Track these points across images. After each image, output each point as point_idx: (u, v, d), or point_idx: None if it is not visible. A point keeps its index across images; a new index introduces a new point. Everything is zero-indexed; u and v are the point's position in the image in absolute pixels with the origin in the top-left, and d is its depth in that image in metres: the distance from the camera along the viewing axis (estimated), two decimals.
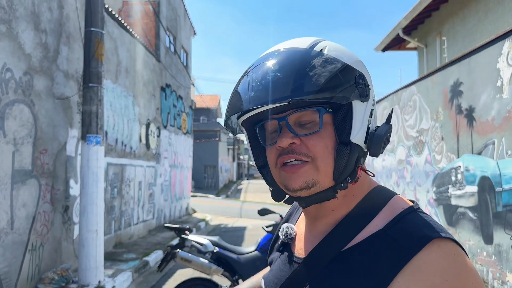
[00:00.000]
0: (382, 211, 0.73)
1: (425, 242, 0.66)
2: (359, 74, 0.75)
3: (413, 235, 0.67)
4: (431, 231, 0.68)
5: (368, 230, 0.72)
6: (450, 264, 0.65)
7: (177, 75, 13.10)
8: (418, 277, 0.64)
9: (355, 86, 0.73)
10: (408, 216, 0.71)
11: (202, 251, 3.75)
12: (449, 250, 0.67)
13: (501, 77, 4.98)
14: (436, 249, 0.66)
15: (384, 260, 0.67)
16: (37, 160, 5.11)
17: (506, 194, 4.85)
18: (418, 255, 0.65)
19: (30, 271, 4.96)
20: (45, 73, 5.32)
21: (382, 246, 0.68)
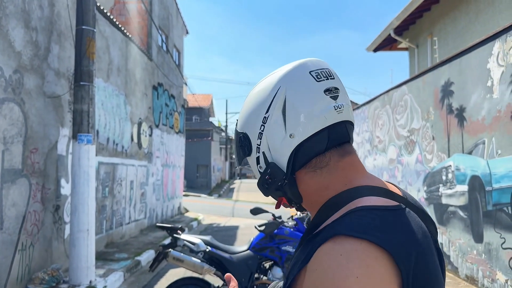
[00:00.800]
0: (341, 209, 0.79)
1: (328, 237, 0.72)
2: (242, 135, 0.92)
3: (330, 230, 0.74)
4: (345, 229, 0.72)
5: (324, 224, 0.80)
6: (327, 259, 0.70)
7: (170, 74, 13.05)
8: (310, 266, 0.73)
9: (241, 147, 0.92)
10: (347, 215, 0.75)
11: (194, 250, 3.75)
12: (340, 248, 0.69)
13: (491, 77, 5.04)
14: (330, 244, 0.71)
15: (309, 249, 0.76)
16: (28, 159, 5.06)
17: (496, 193, 4.90)
18: (322, 246, 0.72)
19: (20, 271, 4.91)
20: (36, 72, 5.26)
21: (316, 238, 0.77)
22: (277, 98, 0.85)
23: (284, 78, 0.87)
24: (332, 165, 0.85)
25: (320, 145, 0.84)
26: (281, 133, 0.85)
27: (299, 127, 0.83)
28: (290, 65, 0.89)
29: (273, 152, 0.87)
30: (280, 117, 0.85)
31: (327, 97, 0.84)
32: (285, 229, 3.82)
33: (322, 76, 0.86)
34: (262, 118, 0.87)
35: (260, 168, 0.90)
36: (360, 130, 10.69)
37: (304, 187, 0.87)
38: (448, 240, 6.02)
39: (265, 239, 3.81)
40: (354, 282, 0.65)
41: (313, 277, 0.70)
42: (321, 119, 0.83)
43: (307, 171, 0.86)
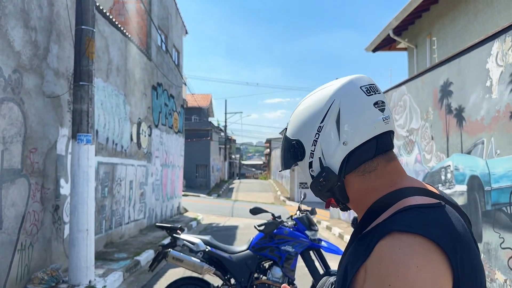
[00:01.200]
0: (389, 209, 0.89)
1: (386, 233, 0.82)
2: (294, 143, 1.03)
3: (386, 227, 0.83)
4: (399, 225, 0.81)
5: (374, 223, 0.90)
6: (389, 254, 0.79)
7: (169, 74, 13.05)
8: (369, 261, 0.82)
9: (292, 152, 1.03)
10: (399, 213, 0.85)
11: (193, 250, 3.75)
12: (399, 243, 0.79)
13: (490, 77, 5.05)
14: (389, 240, 0.81)
15: (365, 247, 0.85)
16: (27, 159, 5.06)
17: (495, 193, 4.91)
18: (379, 242, 0.82)
19: (20, 271, 4.90)
20: (35, 71, 5.26)
21: (370, 236, 0.86)
22: (331, 110, 0.96)
23: (338, 92, 0.98)
24: (379, 170, 0.97)
25: (370, 152, 0.96)
26: (335, 141, 0.97)
27: (351, 135, 0.95)
28: (342, 80, 1.00)
29: (326, 158, 0.98)
30: (334, 127, 0.96)
31: (376, 109, 0.96)
32: (285, 229, 3.82)
33: (371, 91, 0.98)
34: (317, 127, 0.98)
35: (312, 172, 1.01)
36: None
37: (353, 189, 0.99)
38: None
39: (264, 239, 3.81)
40: (416, 271, 0.76)
41: (377, 271, 0.79)
42: (371, 129, 0.95)
43: (356, 175, 0.97)
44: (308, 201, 4.88)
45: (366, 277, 0.82)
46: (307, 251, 3.88)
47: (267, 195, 27.82)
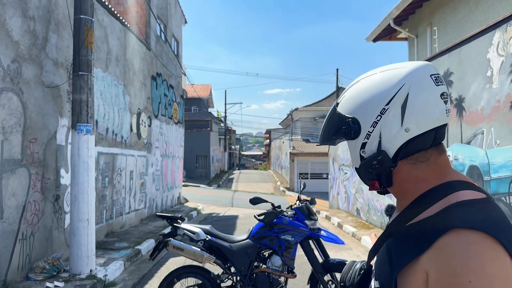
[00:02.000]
0: (442, 200, 0.90)
1: (446, 230, 0.82)
2: (350, 120, 0.99)
3: (442, 223, 0.84)
4: (459, 222, 0.83)
5: (422, 215, 0.91)
6: (460, 251, 0.80)
7: (168, 64, 12.99)
8: (435, 256, 0.82)
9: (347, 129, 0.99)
10: (452, 209, 0.86)
11: (194, 239, 3.77)
12: (466, 239, 0.80)
13: (491, 67, 5.03)
14: (454, 237, 0.81)
15: (420, 239, 0.86)
16: (27, 149, 5.06)
17: (494, 182, 4.93)
18: (440, 239, 0.82)
19: (21, 260, 4.94)
20: (34, 61, 5.24)
21: (423, 229, 0.87)
22: (400, 93, 0.93)
23: (409, 76, 0.94)
24: (431, 161, 0.97)
25: (427, 142, 0.95)
26: (396, 126, 0.94)
27: (414, 123, 0.93)
28: (412, 64, 0.97)
29: (384, 142, 0.96)
30: (399, 112, 0.94)
31: (442, 101, 0.94)
32: (284, 219, 3.84)
33: (439, 81, 0.95)
34: (381, 109, 0.95)
35: (363, 153, 0.99)
36: None
37: (401, 176, 0.98)
38: None
39: (264, 228, 3.84)
40: (491, 264, 0.78)
41: (451, 269, 0.79)
42: (434, 120, 0.93)
43: (408, 163, 0.97)
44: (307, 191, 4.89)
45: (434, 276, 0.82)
46: (306, 240, 3.90)
47: (267, 186, 27.91)
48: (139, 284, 5.32)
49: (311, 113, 28.95)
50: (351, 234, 8.85)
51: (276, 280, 3.80)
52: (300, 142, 28.15)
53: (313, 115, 28.77)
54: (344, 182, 12.27)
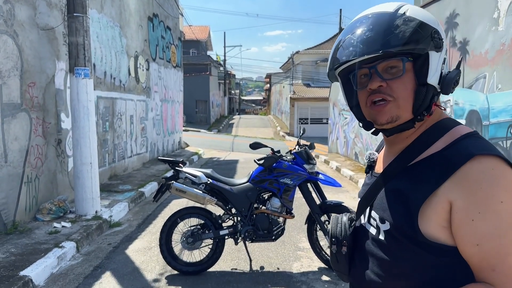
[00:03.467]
0: (444, 136, 0.95)
1: (469, 157, 0.87)
2: (434, 30, 0.95)
3: (461, 153, 0.89)
4: (477, 150, 0.88)
5: (429, 151, 0.95)
6: (487, 175, 0.85)
7: (164, 4, 12.54)
8: (460, 184, 0.86)
9: (431, 39, 0.94)
10: (462, 141, 0.92)
11: (196, 182, 3.87)
12: (489, 164, 0.86)
13: (498, 8, 4.88)
14: (477, 163, 0.86)
15: (437, 172, 0.90)
16: (26, 93, 5.04)
17: (493, 127, 4.96)
18: (463, 167, 0.87)
19: (28, 202, 5.09)
20: (27, 2, 5.06)
21: (437, 162, 0.91)
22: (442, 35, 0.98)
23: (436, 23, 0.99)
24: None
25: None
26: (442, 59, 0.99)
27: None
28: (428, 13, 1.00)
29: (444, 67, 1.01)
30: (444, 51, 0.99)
31: None
32: (284, 163, 3.92)
33: None
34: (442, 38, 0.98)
35: (443, 69, 0.99)
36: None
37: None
38: None
39: (264, 172, 3.92)
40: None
41: (481, 192, 0.84)
42: None
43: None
44: (307, 136, 4.93)
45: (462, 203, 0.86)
46: (305, 184, 4.00)
47: (266, 131, 28.05)
48: (144, 224, 5.53)
49: (312, 56, 28.41)
50: (348, 178, 9.05)
51: (275, 220, 3.94)
52: (301, 87, 27.89)
53: (314, 59, 28.26)
54: (343, 127, 12.32)
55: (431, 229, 0.89)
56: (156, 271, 3.99)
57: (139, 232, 5.18)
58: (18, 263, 3.78)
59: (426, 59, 0.95)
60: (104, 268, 4.05)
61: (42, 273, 3.71)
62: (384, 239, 0.98)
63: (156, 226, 5.35)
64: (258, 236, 3.91)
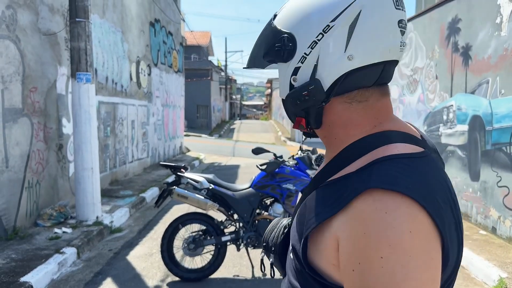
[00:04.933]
0: (366, 155, 0.75)
1: (360, 191, 0.67)
2: (287, 36, 0.78)
3: (361, 181, 0.69)
4: (378, 182, 0.67)
5: (345, 170, 0.75)
6: (376, 219, 0.65)
7: (166, 10, 12.58)
8: (348, 221, 0.68)
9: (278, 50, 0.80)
10: (376, 164, 0.71)
11: (197, 188, 3.84)
12: (383, 205, 0.65)
13: (501, 13, 4.87)
14: (369, 200, 0.66)
15: (333, 200, 0.71)
16: (27, 98, 5.03)
17: (496, 132, 4.93)
18: (355, 201, 0.67)
19: (29, 207, 5.07)
20: (29, 7, 5.07)
21: (340, 187, 0.72)
22: (350, 9, 0.74)
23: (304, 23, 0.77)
24: (370, 103, 0.79)
25: (371, 78, 0.78)
26: (340, 51, 0.75)
27: (362, 50, 0.74)
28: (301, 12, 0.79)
29: (320, 69, 0.77)
30: (345, 32, 0.74)
31: (398, 29, 0.76)
32: (286, 168, 3.89)
33: (400, 5, 0.77)
34: (325, 26, 0.75)
35: (294, 81, 0.80)
36: None
37: (333, 117, 0.81)
38: None
39: (266, 178, 3.89)
40: (410, 237, 0.63)
41: (362, 240, 0.65)
42: (386, 51, 0.76)
43: (343, 101, 0.79)
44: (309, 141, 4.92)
45: (344, 244, 0.68)
46: None
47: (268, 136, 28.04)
48: (145, 230, 5.50)
49: None
50: None
51: None
52: None
53: None
54: None
55: (320, 263, 0.73)
56: (158, 277, 3.95)
57: (140, 238, 5.15)
58: (18, 269, 3.75)
59: None
60: (105, 274, 4.02)
61: (42, 279, 3.68)
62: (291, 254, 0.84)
63: (157, 232, 5.32)
64: (260, 242, 3.88)
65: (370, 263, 0.65)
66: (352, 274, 0.67)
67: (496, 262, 4.06)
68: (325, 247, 0.72)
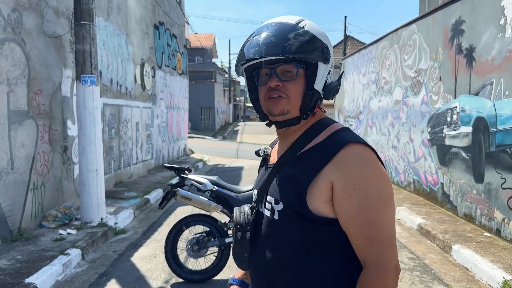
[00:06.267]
0: (324, 131, 1.16)
1: (344, 144, 1.08)
2: (324, 45, 1.15)
3: (338, 142, 1.10)
4: (350, 139, 1.10)
5: (313, 142, 1.15)
6: (358, 158, 1.07)
7: (171, 12, 12.63)
8: (338, 166, 1.07)
9: (321, 52, 1.14)
10: (338, 133, 1.14)
11: (201, 189, 3.85)
12: (359, 150, 1.08)
13: (505, 15, 4.86)
14: (350, 149, 1.08)
15: (319, 157, 1.10)
16: (33, 100, 5.07)
17: (500, 134, 4.92)
18: (339, 153, 1.08)
19: (34, 209, 5.10)
20: (34, 10, 5.11)
21: (319, 150, 1.12)
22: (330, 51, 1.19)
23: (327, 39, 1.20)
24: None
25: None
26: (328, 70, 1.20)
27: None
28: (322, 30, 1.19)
29: None
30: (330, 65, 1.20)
31: None
32: None
33: None
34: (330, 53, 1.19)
35: (328, 79, 1.19)
36: (366, 71, 10.51)
37: None
38: (449, 180, 6.14)
39: None
40: (379, 164, 1.10)
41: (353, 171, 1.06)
42: None
43: None
44: None
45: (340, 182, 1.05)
46: None
47: (271, 138, 27.98)
48: (149, 231, 5.52)
49: None
50: None
51: None
52: None
53: None
54: None
55: (316, 205, 1.08)
56: (162, 279, 3.97)
57: (144, 240, 5.16)
58: (23, 270, 3.78)
59: (315, 69, 1.14)
60: (109, 275, 4.04)
61: (47, 281, 3.70)
62: (278, 218, 1.16)
63: (161, 234, 5.33)
64: None
65: (363, 185, 1.05)
66: (350, 199, 1.05)
67: (501, 264, 4.04)
68: (318, 190, 1.07)
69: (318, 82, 1.15)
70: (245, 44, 1.19)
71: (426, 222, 5.57)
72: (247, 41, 1.18)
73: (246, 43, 1.18)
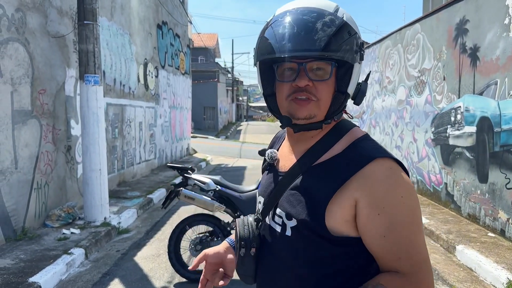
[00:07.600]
0: (343, 138, 1.03)
1: (370, 159, 0.96)
2: (361, 42, 1.01)
3: (363, 155, 0.97)
4: (376, 152, 0.97)
5: (332, 152, 1.02)
6: (387, 174, 0.95)
7: (174, 12, 12.65)
8: (364, 183, 0.94)
9: (359, 51, 1.00)
10: (360, 143, 1.01)
11: (204, 189, 3.85)
12: (387, 165, 0.96)
13: (509, 14, 4.83)
14: (378, 165, 0.95)
15: (341, 172, 0.97)
16: (36, 100, 5.08)
17: (505, 134, 4.89)
18: (365, 168, 0.95)
19: (37, 208, 5.12)
20: (38, 10, 5.13)
21: (340, 163, 0.99)
22: None
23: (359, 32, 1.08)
24: None
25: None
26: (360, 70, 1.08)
27: None
28: None
29: None
30: None
31: None
32: None
33: None
34: None
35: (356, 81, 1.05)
36: (370, 70, 10.47)
37: None
38: (453, 180, 6.11)
39: None
40: (409, 181, 0.98)
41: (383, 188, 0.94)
42: None
43: None
44: None
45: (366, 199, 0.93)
46: None
47: None
48: (152, 231, 5.52)
49: None
50: None
51: None
52: None
53: None
54: None
55: (336, 224, 0.96)
56: (165, 278, 3.97)
57: (148, 239, 5.17)
58: (27, 270, 3.79)
59: (349, 68, 1.00)
60: (112, 275, 4.04)
61: (51, 280, 3.71)
62: (290, 235, 1.03)
63: (165, 233, 5.34)
64: None
65: (393, 203, 0.94)
66: (379, 217, 0.94)
67: (505, 265, 4.02)
68: (339, 208, 0.95)
69: (352, 85, 1.02)
70: (272, 31, 1.00)
71: (429, 222, 5.55)
72: (274, 29, 1.00)
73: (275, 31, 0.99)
